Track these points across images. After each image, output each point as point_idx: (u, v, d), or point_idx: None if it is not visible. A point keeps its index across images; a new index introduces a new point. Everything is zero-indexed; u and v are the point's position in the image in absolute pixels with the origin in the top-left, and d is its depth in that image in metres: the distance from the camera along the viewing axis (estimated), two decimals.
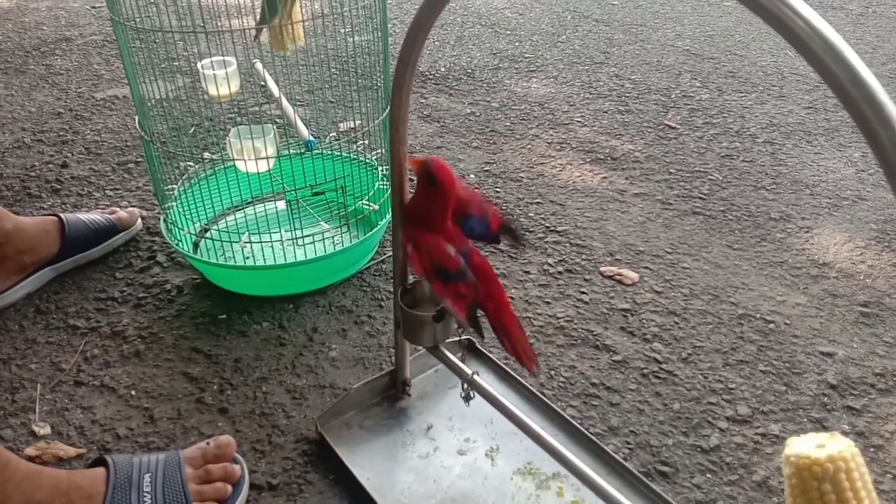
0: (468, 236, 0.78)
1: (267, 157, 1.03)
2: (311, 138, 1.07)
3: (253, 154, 1.02)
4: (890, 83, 2.06)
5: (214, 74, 1.11)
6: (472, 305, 0.75)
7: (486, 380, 0.94)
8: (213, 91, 1.13)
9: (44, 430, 0.91)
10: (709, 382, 0.99)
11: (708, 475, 0.86)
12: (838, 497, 0.46)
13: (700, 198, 1.47)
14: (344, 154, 1.28)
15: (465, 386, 0.81)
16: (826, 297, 1.18)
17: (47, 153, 1.59)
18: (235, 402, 0.96)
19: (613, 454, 0.85)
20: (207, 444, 0.82)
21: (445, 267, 0.74)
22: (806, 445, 0.48)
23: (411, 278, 0.87)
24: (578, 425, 0.88)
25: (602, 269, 1.22)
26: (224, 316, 1.11)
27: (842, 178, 1.55)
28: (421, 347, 0.94)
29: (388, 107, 0.88)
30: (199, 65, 1.13)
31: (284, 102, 1.09)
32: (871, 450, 0.90)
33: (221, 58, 1.12)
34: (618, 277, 1.20)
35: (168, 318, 1.11)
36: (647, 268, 1.24)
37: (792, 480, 0.48)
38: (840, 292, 1.19)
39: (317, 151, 1.24)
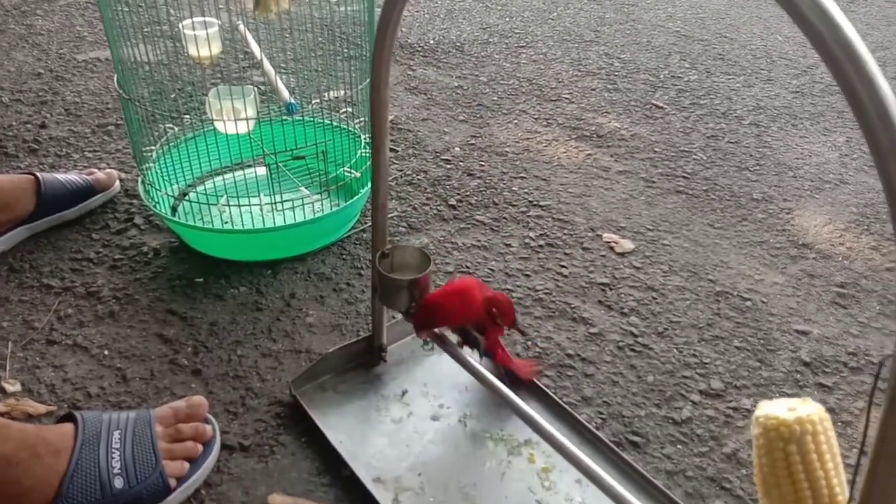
0: None
1: (247, 119, 1.02)
2: (292, 101, 1.05)
3: (232, 115, 1.00)
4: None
5: (195, 35, 1.09)
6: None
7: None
8: (193, 52, 1.11)
9: (14, 387, 0.91)
10: (683, 356, 1.00)
11: (678, 446, 0.86)
12: (803, 458, 0.46)
13: (684, 177, 1.47)
14: (326, 121, 1.27)
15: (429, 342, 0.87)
16: (804, 277, 1.19)
17: (25, 113, 1.56)
18: (209, 364, 0.95)
19: (586, 423, 0.85)
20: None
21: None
22: (777, 408, 0.48)
23: (389, 243, 0.86)
24: (552, 394, 0.89)
25: (604, 235, 1.24)
26: (201, 279, 1.10)
27: (825, 162, 1.56)
28: (398, 314, 0.94)
29: None
30: (180, 25, 1.11)
31: (266, 64, 1.07)
32: (840, 425, 0.92)
33: (203, 19, 1.10)
34: (613, 244, 1.21)
35: (144, 280, 1.10)
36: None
37: (759, 441, 0.48)
38: (818, 273, 1.20)
39: (298, 118, 1.23)
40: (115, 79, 1.09)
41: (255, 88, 1.08)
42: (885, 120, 0.32)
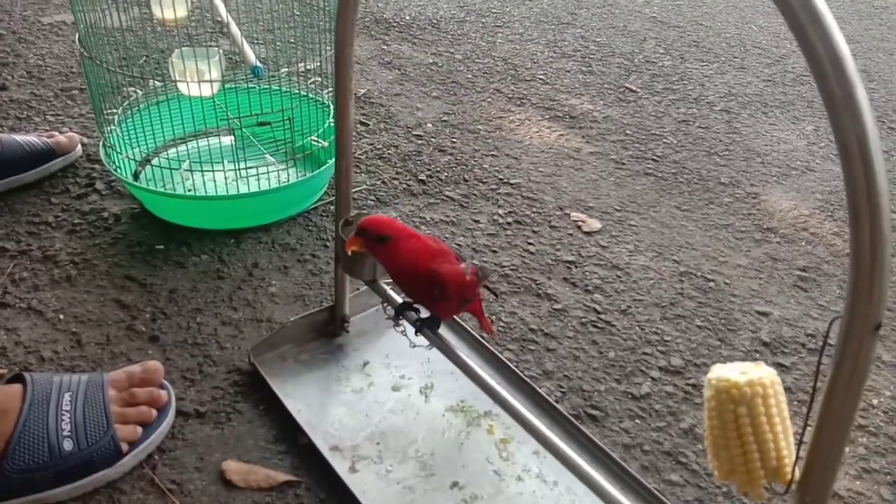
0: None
1: (211, 81, 1.00)
2: (258, 65, 1.03)
3: (196, 76, 0.98)
4: None
5: None
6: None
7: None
8: (159, 14, 1.09)
9: None
10: (645, 334, 1.00)
11: (636, 421, 0.87)
12: (752, 421, 0.47)
13: (653, 160, 1.47)
14: (294, 91, 1.25)
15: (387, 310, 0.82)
16: (767, 260, 1.20)
17: None
18: (168, 331, 0.94)
19: (546, 396, 0.85)
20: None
21: (467, 298, 0.76)
22: (729, 370, 0.48)
23: (353, 211, 0.85)
24: (514, 367, 0.89)
25: (572, 214, 1.24)
26: (161, 246, 1.08)
27: (793, 150, 1.57)
28: (362, 285, 0.93)
29: None
30: None
31: (233, 27, 1.05)
32: (797, 404, 0.93)
33: None
34: (581, 223, 1.21)
35: (103, 246, 1.07)
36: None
37: (710, 403, 0.48)
38: (781, 256, 1.21)
39: (266, 86, 1.21)
40: (77, 37, 1.06)
41: (220, 51, 1.05)
42: (838, 71, 0.32)
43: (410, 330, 0.80)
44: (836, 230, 1.30)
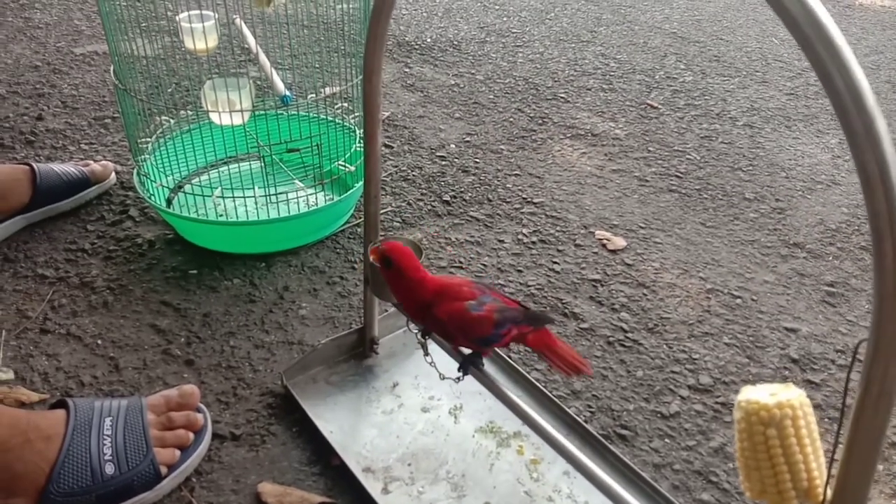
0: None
1: (241, 110, 1.03)
2: (287, 93, 1.06)
3: (227, 106, 1.01)
4: (871, 73, 2.08)
5: (192, 28, 1.10)
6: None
7: None
8: (190, 45, 1.12)
9: (7, 375, 0.91)
10: (673, 352, 1.01)
11: (666, 440, 0.87)
12: (782, 443, 0.47)
13: (677, 176, 1.48)
14: (321, 116, 1.27)
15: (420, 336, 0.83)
16: (794, 275, 1.20)
17: (22, 105, 1.57)
18: (202, 354, 0.96)
19: (575, 416, 0.86)
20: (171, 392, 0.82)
21: (481, 335, 0.74)
22: (758, 392, 0.49)
23: (382, 234, 0.87)
24: (542, 387, 0.89)
25: (597, 232, 1.25)
26: (195, 271, 1.10)
27: (817, 163, 1.57)
28: (390, 307, 0.94)
29: None
30: (177, 18, 1.12)
31: (262, 56, 1.08)
32: (827, 421, 0.92)
33: (200, 12, 1.11)
34: (606, 241, 1.22)
35: (138, 272, 1.10)
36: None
37: (740, 425, 0.49)
38: (808, 272, 1.21)
39: (293, 112, 1.24)
40: (112, 69, 1.10)
41: (251, 81, 1.08)
42: (858, 105, 0.33)
43: (437, 360, 0.81)
44: (864, 244, 1.29)
